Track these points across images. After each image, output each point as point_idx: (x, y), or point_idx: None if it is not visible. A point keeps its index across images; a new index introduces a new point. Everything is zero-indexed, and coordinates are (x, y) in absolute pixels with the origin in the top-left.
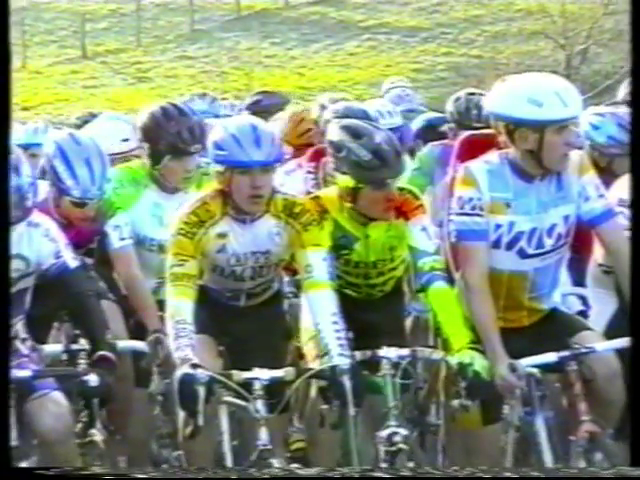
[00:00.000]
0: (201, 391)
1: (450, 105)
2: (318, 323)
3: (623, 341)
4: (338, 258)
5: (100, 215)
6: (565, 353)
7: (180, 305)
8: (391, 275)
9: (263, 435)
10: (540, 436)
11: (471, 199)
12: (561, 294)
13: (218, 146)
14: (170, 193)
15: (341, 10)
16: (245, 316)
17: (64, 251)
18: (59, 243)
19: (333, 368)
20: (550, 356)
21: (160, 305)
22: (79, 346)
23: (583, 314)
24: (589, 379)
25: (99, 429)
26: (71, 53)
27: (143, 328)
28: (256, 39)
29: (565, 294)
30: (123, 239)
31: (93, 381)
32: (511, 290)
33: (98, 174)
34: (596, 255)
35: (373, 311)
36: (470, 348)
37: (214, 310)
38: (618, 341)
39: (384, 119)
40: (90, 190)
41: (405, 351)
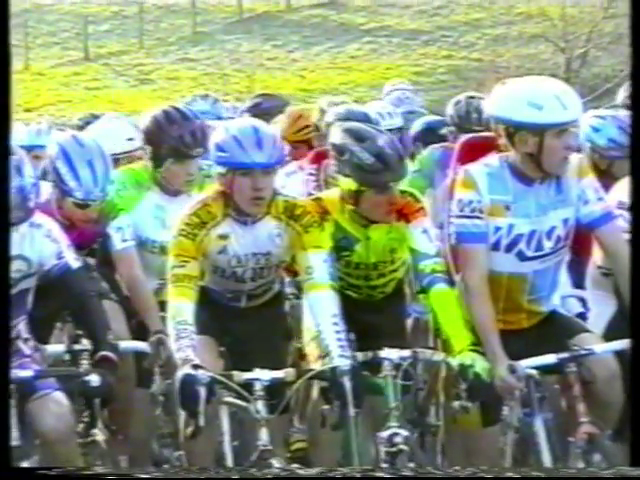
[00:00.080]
0: (202, 392)
1: (450, 108)
2: (319, 324)
3: (622, 343)
4: (339, 260)
5: (102, 217)
6: (564, 355)
7: (181, 306)
8: (392, 277)
9: (264, 435)
10: (539, 437)
11: (471, 202)
12: (560, 296)
13: (220, 148)
14: (172, 195)
15: (342, 13)
16: (246, 317)
17: (66, 252)
18: (61, 244)
19: (333, 369)
20: (549, 358)
21: (162, 306)
22: (81, 346)
23: (582, 316)
24: (588, 381)
25: (101, 429)
26: (74, 55)
27: (145, 329)
28: (258, 41)
29: (564, 296)
30: (125, 241)
31: (95, 381)
32: (510, 292)
33: (101, 175)
34: (595, 257)
35: (374, 312)
36: (471, 350)
37: (215, 311)
38: (617, 343)
39: (384, 120)
40: (93, 191)
41: (406, 352)
